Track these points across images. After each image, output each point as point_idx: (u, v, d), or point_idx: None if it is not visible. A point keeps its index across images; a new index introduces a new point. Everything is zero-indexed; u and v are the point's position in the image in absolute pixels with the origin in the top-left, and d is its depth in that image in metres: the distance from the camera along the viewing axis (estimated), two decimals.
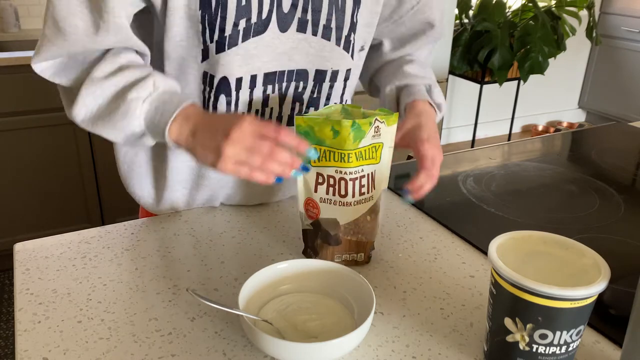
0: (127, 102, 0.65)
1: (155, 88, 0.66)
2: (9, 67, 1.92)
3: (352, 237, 0.69)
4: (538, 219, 0.85)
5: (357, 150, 0.65)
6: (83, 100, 0.66)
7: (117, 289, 0.66)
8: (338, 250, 0.70)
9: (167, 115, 0.64)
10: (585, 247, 0.53)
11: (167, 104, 0.65)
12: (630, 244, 0.79)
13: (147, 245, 0.76)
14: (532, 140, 1.23)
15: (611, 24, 3.96)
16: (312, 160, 0.66)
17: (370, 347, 0.57)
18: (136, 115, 0.65)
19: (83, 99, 0.66)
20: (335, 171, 0.66)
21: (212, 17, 0.66)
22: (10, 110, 1.99)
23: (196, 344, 0.57)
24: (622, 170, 1.06)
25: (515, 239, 0.55)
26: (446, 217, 0.85)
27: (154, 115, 0.65)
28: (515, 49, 2.91)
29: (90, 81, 0.66)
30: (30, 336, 0.58)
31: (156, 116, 0.65)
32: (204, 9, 0.66)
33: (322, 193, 0.68)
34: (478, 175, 1.02)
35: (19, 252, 0.73)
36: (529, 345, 0.50)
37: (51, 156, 2.11)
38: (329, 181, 0.67)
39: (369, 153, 0.66)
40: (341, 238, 0.69)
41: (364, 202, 0.68)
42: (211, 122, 0.63)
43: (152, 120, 0.66)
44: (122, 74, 0.66)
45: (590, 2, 3.06)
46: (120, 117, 0.65)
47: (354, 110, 0.70)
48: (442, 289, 0.67)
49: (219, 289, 0.67)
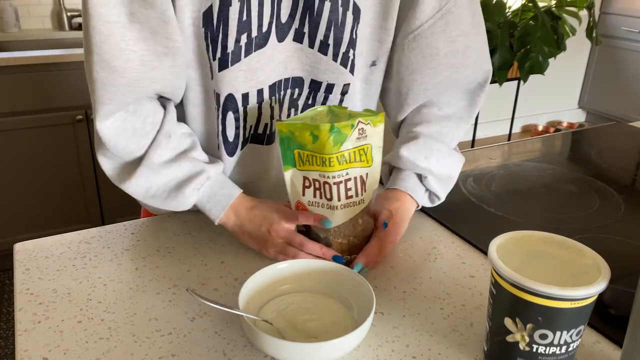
0: (185, 196, 0.71)
1: (209, 179, 0.72)
2: (9, 67, 1.92)
3: (342, 240, 0.69)
4: (538, 219, 0.85)
5: (339, 154, 0.64)
6: (137, 180, 0.71)
7: (117, 289, 0.66)
8: None
9: (220, 209, 0.72)
10: (585, 247, 0.53)
11: (218, 195, 0.73)
12: (630, 244, 0.79)
13: (147, 245, 0.76)
14: (532, 140, 1.23)
15: (611, 24, 3.96)
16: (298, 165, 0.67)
17: (370, 347, 0.57)
18: (189, 203, 0.72)
19: (137, 179, 0.70)
20: (319, 175, 0.66)
21: (214, 33, 0.66)
22: (10, 110, 1.99)
23: (196, 344, 0.57)
24: (622, 170, 1.06)
25: (515, 239, 0.55)
26: (446, 217, 0.85)
27: (205, 203, 0.73)
28: (515, 49, 2.91)
29: (148, 166, 0.70)
30: (30, 336, 0.58)
31: (208, 204, 0.73)
32: (206, 27, 0.66)
33: (310, 196, 0.68)
34: (478, 175, 1.02)
35: (19, 252, 0.73)
36: (529, 345, 0.50)
37: (51, 156, 2.11)
38: (314, 184, 0.66)
39: (355, 156, 0.66)
40: (331, 241, 0.69)
41: (352, 205, 0.68)
42: (255, 218, 0.71)
43: (203, 207, 0.73)
44: (179, 165, 0.71)
45: (590, 2, 3.06)
46: (174, 205, 0.72)
47: (340, 111, 0.69)
48: (442, 289, 0.67)
49: (219, 289, 0.67)
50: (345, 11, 0.69)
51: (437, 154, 0.77)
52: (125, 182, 0.71)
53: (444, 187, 0.79)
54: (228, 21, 0.65)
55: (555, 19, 2.95)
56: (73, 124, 2.09)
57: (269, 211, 0.71)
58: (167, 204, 0.72)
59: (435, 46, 0.73)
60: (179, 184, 0.71)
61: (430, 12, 0.71)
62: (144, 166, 0.70)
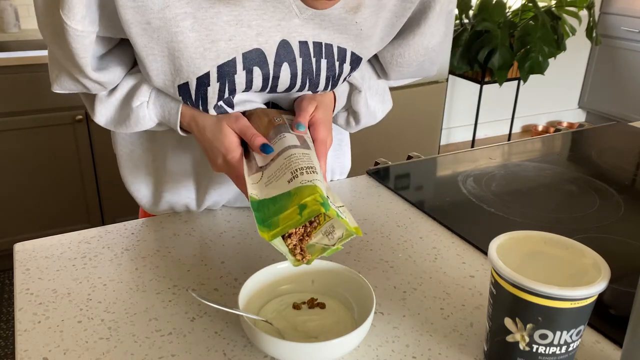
0: (134, 111, 0.68)
1: (151, 89, 0.68)
2: (9, 67, 1.92)
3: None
4: (538, 219, 0.85)
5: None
6: (99, 112, 0.70)
7: (117, 289, 0.66)
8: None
9: (174, 114, 0.68)
10: (585, 247, 0.53)
11: (169, 102, 0.68)
12: (630, 244, 0.79)
13: (147, 245, 0.76)
14: (532, 140, 1.23)
15: (611, 24, 3.96)
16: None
17: (370, 347, 0.57)
18: (147, 118, 0.69)
19: (99, 112, 0.70)
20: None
21: (194, 104, 0.65)
22: (10, 110, 1.99)
23: (196, 344, 0.57)
24: (622, 170, 1.06)
25: (515, 239, 0.55)
26: (446, 217, 0.85)
27: (162, 115, 0.69)
28: (515, 49, 2.91)
29: (98, 100, 0.69)
30: (30, 336, 0.58)
31: (164, 115, 0.69)
32: (184, 97, 0.65)
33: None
34: (478, 175, 1.02)
35: (19, 252, 0.73)
36: (529, 345, 0.50)
37: (51, 156, 2.11)
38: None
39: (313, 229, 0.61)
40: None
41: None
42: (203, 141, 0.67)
43: (163, 118, 0.69)
44: (120, 85, 0.68)
45: (590, 2, 3.06)
46: (134, 124, 0.69)
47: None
48: (442, 289, 0.67)
49: (219, 289, 0.67)
50: (342, 64, 0.68)
51: (374, 85, 0.78)
52: (95, 117, 0.70)
53: (367, 115, 0.79)
54: (207, 99, 0.64)
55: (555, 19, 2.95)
56: (73, 124, 2.09)
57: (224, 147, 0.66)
58: (132, 127, 0.70)
59: (403, 72, 0.77)
60: (125, 101, 0.69)
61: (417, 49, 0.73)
62: (97, 100, 0.69)
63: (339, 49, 0.66)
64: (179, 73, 0.62)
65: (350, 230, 0.56)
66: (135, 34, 0.58)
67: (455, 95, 3.76)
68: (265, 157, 0.62)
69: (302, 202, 0.54)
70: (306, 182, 0.56)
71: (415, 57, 0.73)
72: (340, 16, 0.63)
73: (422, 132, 2.81)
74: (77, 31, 0.56)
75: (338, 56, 0.67)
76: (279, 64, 0.64)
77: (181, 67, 0.61)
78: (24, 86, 1.97)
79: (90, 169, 2.19)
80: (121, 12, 0.56)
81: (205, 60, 0.60)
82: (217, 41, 0.59)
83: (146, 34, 0.58)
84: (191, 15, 0.57)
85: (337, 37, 0.65)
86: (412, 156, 1.13)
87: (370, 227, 0.82)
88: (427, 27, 0.70)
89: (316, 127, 0.67)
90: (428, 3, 0.68)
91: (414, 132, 2.78)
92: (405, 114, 2.69)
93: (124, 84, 0.68)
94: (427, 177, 1.02)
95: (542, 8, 2.96)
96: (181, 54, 0.60)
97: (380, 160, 1.07)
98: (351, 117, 0.79)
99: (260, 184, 0.60)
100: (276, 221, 0.55)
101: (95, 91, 0.67)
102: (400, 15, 0.67)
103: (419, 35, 0.70)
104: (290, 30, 0.62)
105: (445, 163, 1.08)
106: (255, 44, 0.61)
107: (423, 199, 0.91)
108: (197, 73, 0.61)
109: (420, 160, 1.10)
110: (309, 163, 0.59)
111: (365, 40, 0.67)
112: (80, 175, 2.19)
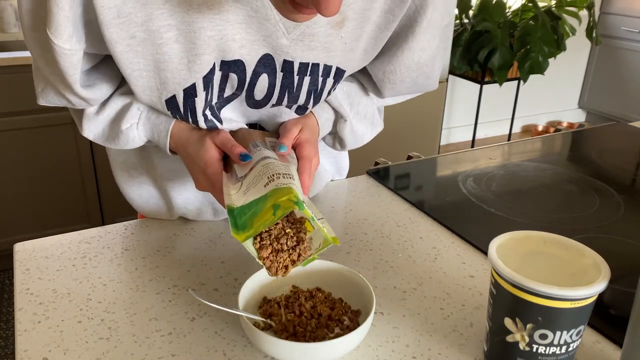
0: (124, 133, 0.69)
1: (141, 110, 0.69)
2: (9, 67, 1.92)
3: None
4: (538, 219, 0.85)
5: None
6: (88, 128, 0.70)
7: (117, 289, 0.66)
8: None
9: (164, 137, 0.69)
10: (585, 247, 0.53)
11: (159, 125, 0.69)
12: (630, 244, 0.79)
13: (147, 245, 0.76)
14: (532, 140, 1.23)
15: (611, 24, 3.96)
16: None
17: (370, 347, 0.57)
18: (137, 139, 0.70)
19: (87, 127, 0.70)
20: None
21: (183, 117, 0.65)
22: (10, 110, 1.99)
23: (196, 344, 0.57)
24: (622, 170, 1.06)
25: (515, 239, 0.55)
26: (446, 217, 0.85)
27: (152, 136, 0.70)
28: (515, 49, 2.91)
29: (86, 117, 0.70)
30: (30, 336, 0.58)
31: (154, 136, 0.70)
32: (172, 112, 0.64)
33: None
34: (478, 175, 1.02)
35: (19, 252, 0.73)
36: (529, 345, 0.50)
37: (51, 156, 2.11)
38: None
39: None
40: None
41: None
42: (186, 157, 0.68)
43: (153, 139, 0.70)
44: (109, 104, 0.69)
45: (590, 2, 3.06)
46: (124, 143, 0.70)
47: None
48: (442, 289, 0.67)
49: (219, 289, 0.67)
50: (325, 78, 0.67)
51: (363, 109, 0.77)
52: (83, 132, 0.71)
53: (353, 140, 0.79)
54: (195, 109, 0.64)
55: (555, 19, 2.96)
56: (73, 124, 2.09)
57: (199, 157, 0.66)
58: (122, 145, 0.70)
59: (398, 89, 0.75)
60: (114, 122, 0.69)
61: (408, 64, 0.71)
62: (84, 116, 0.69)
63: (324, 67, 0.66)
64: (165, 86, 0.61)
65: (328, 240, 0.55)
66: (120, 52, 0.58)
67: (455, 95, 3.76)
68: (244, 167, 0.62)
69: (277, 203, 0.54)
70: (282, 185, 0.55)
71: (407, 72, 0.72)
72: (326, 33, 0.63)
73: (422, 132, 2.81)
74: (65, 49, 0.56)
75: (323, 72, 0.67)
76: (258, 74, 0.64)
77: (167, 80, 0.61)
78: (24, 86, 1.97)
79: (90, 169, 2.19)
80: (105, 32, 0.56)
81: (191, 72, 0.60)
82: (200, 55, 0.59)
83: (131, 50, 0.58)
84: (175, 27, 0.57)
85: (324, 56, 0.65)
86: (412, 156, 1.13)
87: (370, 227, 0.82)
88: (416, 42, 0.68)
89: (301, 146, 0.67)
90: (414, 18, 0.66)
91: (414, 132, 2.78)
92: (405, 114, 2.69)
93: (113, 104, 0.69)
94: (427, 177, 1.02)
95: (542, 8, 2.96)
96: (166, 66, 0.59)
97: (380, 160, 1.07)
98: (337, 142, 0.80)
99: (239, 194, 0.59)
100: (250, 223, 0.55)
101: (81, 106, 0.67)
102: (383, 28, 0.66)
103: (407, 51, 0.69)
104: (277, 49, 0.62)
105: (445, 163, 1.08)
106: (237, 55, 0.61)
107: (423, 199, 0.91)
108: (184, 85, 0.61)
109: (420, 160, 1.10)
110: (287, 170, 0.59)
111: (348, 53, 0.66)
112: (80, 175, 2.19)
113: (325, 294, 0.61)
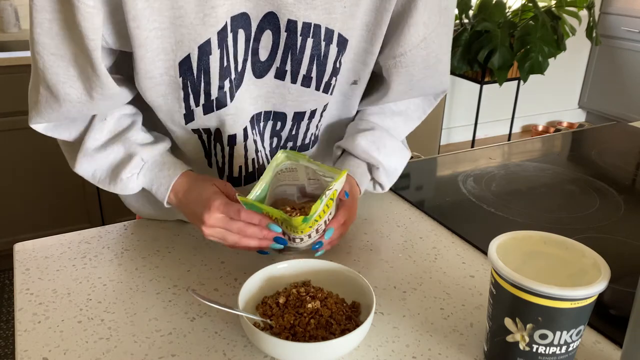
0: (123, 181, 0.71)
1: (144, 161, 0.71)
2: (9, 67, 1.92)
3: None
4: (538, 219, 0.85)
5: (308, 227, 0.63)
6: (80, 166, 0.72)
7: (117, 289, 0.66)
8: None
9: (163, 191, 0.71)
10: (585, 247, 0.53)
11: (159, 178, 0.71)
12: (630, 244, 0.79)
13: (147, 245, 0.76)
14: (532, 140, 1.23)
15: (611, 24, 3.96)
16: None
17: (370, 347, 0.57)
18: (135, 188, 0.72)
19: (80, 164, 0.71)
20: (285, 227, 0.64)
21: (195, 83, 0.65)
22: (10, 110, 1.99)
23: (196, 344, 0.57)
24: (622, 170, 1.06)
25: (515, 239, 0.55)
26: (446, 217, 0.85)
27: (151, 187, 0.72)
28: (515, 49, 2.91)
29: (83, 152, 0.70)
30: (30, 336, 0.58)
31: (153, 187, 0.72)
32: (185, 76, 0.64)
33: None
34: (478, 175, 1.02)
35: (19, 252, 0.73)
36: (529, 345, 0.50)
37: (51, 156, 2.11)
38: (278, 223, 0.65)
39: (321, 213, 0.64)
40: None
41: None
42: (188, 205, 0.69)
43: (151, 191, 0.73)
44: (112, 149, 0.71)
45: (590, 2, 3.05)
46: (120, 190, 0.72)
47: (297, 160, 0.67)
48: (442, 289, 0.67)
49: (219, 289, 0.67)
50: (328, 44, 0.68)
51: (389, 149, 0.80)
52: (74, 167, 0.72)
53: (389, 179, 0.82)
54: (209, 70, 0.64)
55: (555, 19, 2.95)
56: None
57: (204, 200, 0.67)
58: (113, 189, 0.72)
59: (412, 73, 0.75)
60: (114, 169, 0.71)
61: (415, 42, 0.71)
62: (81, 152, 0.70)
63: (326, 30, 0.67)
64: (181, 45, 0.62)
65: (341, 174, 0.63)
66: (141, 8, 0.58)
67: (455, 95, 3.76)
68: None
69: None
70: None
71: (416, 51, 0.72)
72: None
73: (422, 132, 2.81)
74: (89, 7, 0.56)
75: (325, 36, 0.67)
76: (262, 30, 0.65)
77: (182, 38, 0.61)
78: (24, 86, 1.95)
79: None
80: None
81: (206, 26, 0.61)
82: (215, 7, 0.60)
83: (149, 7, 0.58)
84: None
85: (325, 18, 0.65)
86: (412, 156, 1.13)
87: (370, 227, 0.82)
88: (419, 15, 0.69)
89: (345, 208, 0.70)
90: None
91: (414, 132, 2.76)
92: None
93: (116, 148, 0.70)
94: (427, 177, 1.02)
95: (542, 8, 2.96)
96: (182, 22, 0.60)
97: None
98: (377, 186, 0.82)
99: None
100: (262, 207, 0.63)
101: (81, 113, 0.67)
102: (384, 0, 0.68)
103: (413, 26, 0.70)
104: (281, 7, 0.63)
105: (445, 163, 1.08)
106: (243, 7, 0.62)
107: (423, 199, 0.91)
108: (199, 41, 0.61)
109: (420, 160, 1.10)
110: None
111: (349, 18, 0.67)
112: (80, 175, 2.19)
113: (325, 294, 0.61)
